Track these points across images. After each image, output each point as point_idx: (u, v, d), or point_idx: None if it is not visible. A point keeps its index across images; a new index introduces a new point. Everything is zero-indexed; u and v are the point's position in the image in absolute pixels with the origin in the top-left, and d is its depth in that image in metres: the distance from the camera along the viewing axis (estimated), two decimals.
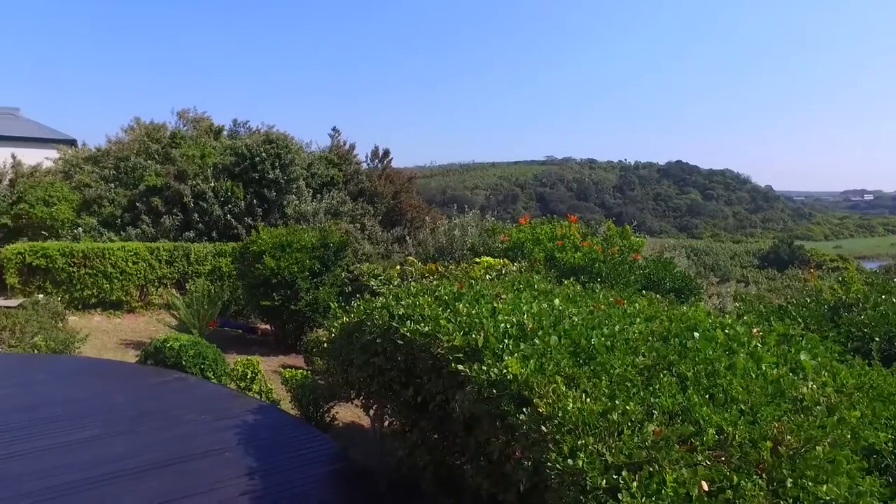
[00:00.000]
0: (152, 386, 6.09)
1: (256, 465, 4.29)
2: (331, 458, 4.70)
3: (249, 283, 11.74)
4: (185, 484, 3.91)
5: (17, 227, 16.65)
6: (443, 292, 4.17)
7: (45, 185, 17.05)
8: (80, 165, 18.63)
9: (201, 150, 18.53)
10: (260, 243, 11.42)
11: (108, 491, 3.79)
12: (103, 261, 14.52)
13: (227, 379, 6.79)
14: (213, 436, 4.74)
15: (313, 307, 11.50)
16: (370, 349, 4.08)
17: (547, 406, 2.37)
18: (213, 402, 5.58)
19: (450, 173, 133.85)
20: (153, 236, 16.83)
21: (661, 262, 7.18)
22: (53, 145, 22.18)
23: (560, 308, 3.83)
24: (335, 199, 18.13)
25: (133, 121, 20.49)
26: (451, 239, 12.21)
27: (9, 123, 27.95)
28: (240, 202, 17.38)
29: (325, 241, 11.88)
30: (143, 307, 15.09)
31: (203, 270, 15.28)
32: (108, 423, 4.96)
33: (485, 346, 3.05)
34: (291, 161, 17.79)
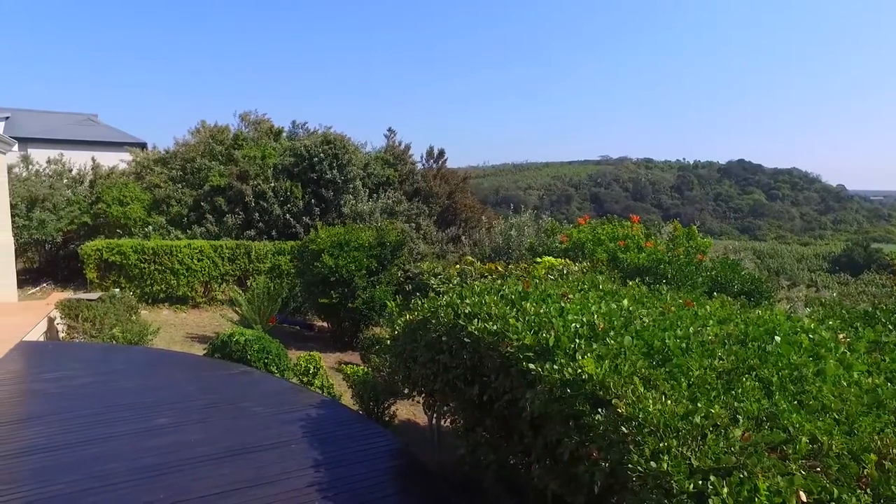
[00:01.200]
0: (220, 378, 6.30)
1: (321, 457, 4.37)
2: (392, 453, 4.74)
3: (308, 280, 12.02)
4: (256, 473, 4.02)
5: (95, 226, 17.63)
6: (508, 291, 4.14)
7: (119, 185, 17.97)
8: (150, 167, 19.53)
9: (262, 151, 19.10)
10: (318, 242, 11.66)
11: (186, 476, 3.94)
12: (171, 258, 15.19)
13: (290, 373, 6.96)
14: (279, 428, 4.86)
15: (370, 305, 11.66)
16: (435, 347, 4.09)
17: (626, 407, 2.31)
18: (278, 396, 5.73)
19: (503, 173, 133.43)
20: (216, 234, 17.47)
21: (729, 264, 6.91)
22: (127, 148, 23.37)
23: (630, 309, 3.74)
24: (391, 199, 18.34)
25: (199, 123, 21.30)
26: (507, 239, 12.17)
27: (88, 129, 29.67)
28: (298, 202, 17.82)
29: (382, 240, 12.02)
30: (207, 303, 15.69)
31: (263, 268, 15.75)
32: (181, 412, 5.17)
33: (556, 346, 3.00)
34: (348, 161, 18.12)
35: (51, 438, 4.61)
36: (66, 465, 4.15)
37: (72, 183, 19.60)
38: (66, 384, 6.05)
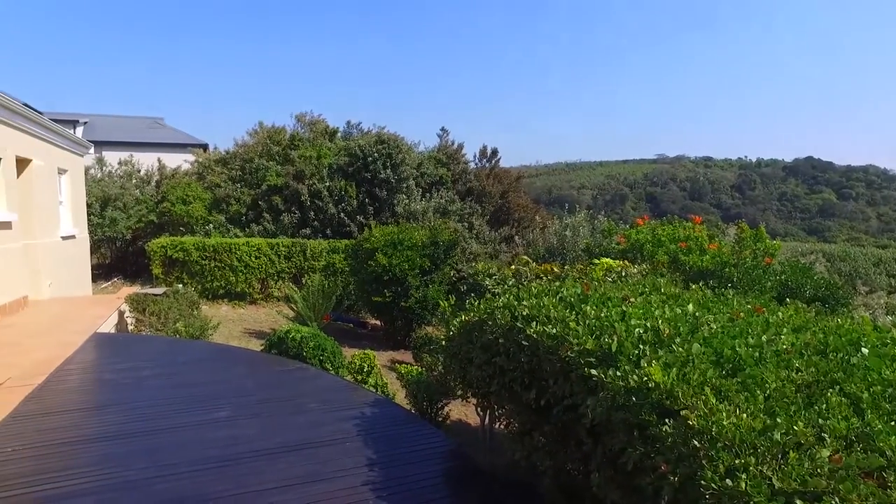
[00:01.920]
0: (277, 374, 6.43)
1: (375, 456, 4.37)
2: (446, 455, 4.70)
3: (361, 279, 12.16)
4: (312, 469, 4.06)
5: (161, 223, 18.43)
6: (567, 293, 4.04)
7: (182, 185, 18.72)
8: (211, 167, 20.25)
9: (317, 151, 19.49)
10: (372, 241, 11.77)
11: (244, 469, 4.02)
12: (230, 255, 15.70)
13: (345, 371, 7.05)
14: (334, 425, 4.91)
15: (423, 304, 11.69)
16: (491, 349, 4.02)
17: (698, 419, 2.18)
18: (333, 393, 5.79)
19: (555, 172, 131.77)
20: (273, 233, 17.95)
21: (800, 268, 6.54)
22: (190, 149, 24.34)
23: (695, 314, 3.57)
24: (444, 199, 18.38)
25: (257, 125, 21.95)
26: (562, 239, 11.97)
27: (155, 132, 31.08)
28: (353, 201, 18.09)
29: (435, 239, 12.03)
30: (264, 299, 16.12)
31: (318, 266, 16.06)
32: (239, 406, 5.30)
33: (619, 352, 2.89)
34: (402, 161, 18.25)
35: (121, 427, 4.81)
36: (135, 452, 4.31)
37: (140, 183, 20.56)
38: (133, 375, 6.31)
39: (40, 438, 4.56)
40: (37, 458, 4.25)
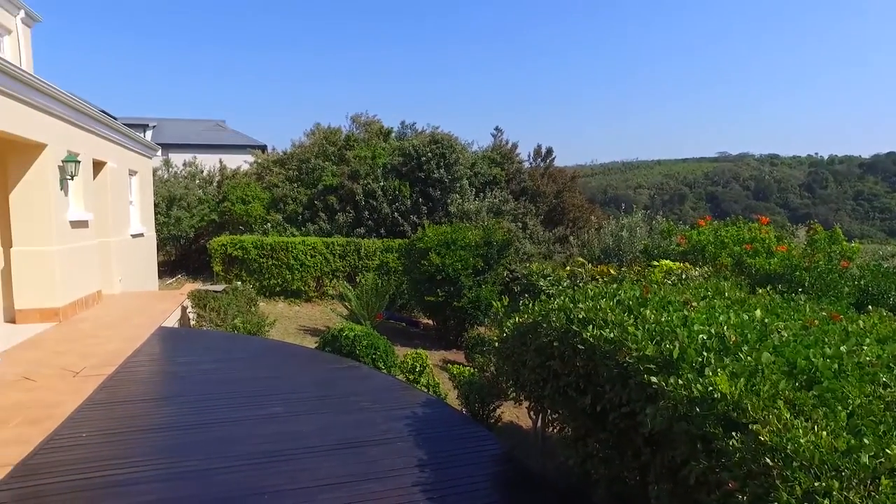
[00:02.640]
0: (330, 371, 6.51)
1: (426, 457, 4.34)
2: (498, 458, 4.63)
3: (414, 278, 12.21)
4: (364, 468, 4.07)
5: (221, 222, 19.08)
6: (625, 296, 3.89)
7: (242, 185, 19.31)
8: (269, 168, 20.82)
9: (372, 151, 19.71)
10: (426, 240, 11.79)
11: (298, 465, 4.07)
12: (286, 253, 16.07)
13: (397, 370, 7.06)
14: (385, 424, 4.91)
15: (475, 304, 11.63)
16: (545, 352, 3.93)
17: (770, 435, 2.03)
18: (385, 392, 5.81)
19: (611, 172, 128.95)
20: (328, 232, 18.27)
21: (883, 272, 6.09)
22: (250, 150, 25.12)
23: (764, 321, 3.36)
24: (497, 198, 18.25)
25: (314, 126, 22.42)
26: (618, 240, 11.66)
27: (217, 134, 32.26)
28: (406, 200, 18.21)
29: (489, 239, 11.95)
30: (319, 297, 16.43)
31: (372, 265, 16.23)
32: (294, 402, 5.38)
33: (681, 359, 2.75)
34: (455, 160, 18.24)
35: (183, 418, 4.98)
36: (195, 443, 4.44)
37: (203, 183, 21.36)
38: (194, 368, 6.54)
39: (110, 426, 4.78)
40: (106, 444, 4.45)
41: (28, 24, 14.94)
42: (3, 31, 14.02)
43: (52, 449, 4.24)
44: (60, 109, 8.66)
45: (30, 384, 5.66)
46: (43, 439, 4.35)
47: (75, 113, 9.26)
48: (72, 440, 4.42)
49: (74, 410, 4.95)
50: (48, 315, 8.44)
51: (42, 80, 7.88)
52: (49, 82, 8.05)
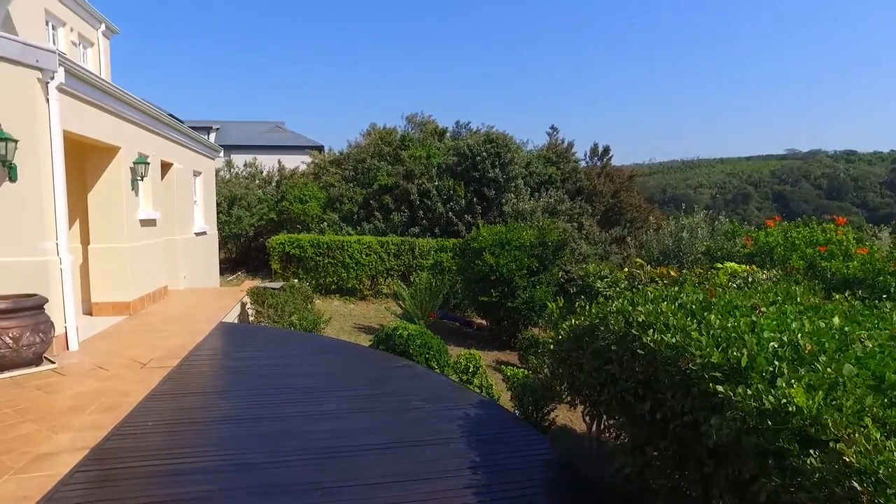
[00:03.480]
0: (384, 370, 6.55)
1: (479, 459, 4.29)
2: (552, 463, 4.53)
3: (468, 278, 12.17)
4: (416, 467, 4.06)
5: (280, 221, 19.61)
6: (687, 299, 3.72)
7: (300, 185, 19.80)
8: (326, 168, 21.25)
9: (427, 151, 19.81)
10: (480, 240, 11.74)
11: (351, 462, 4.10)
12: (342, 252, 16.34)
13: (450, 370, 7.04)
14: (438, 425, 4.89)
15: (529, 305, 11.50)
16: (603, 356, 3.80)
17: (857, 456, 1.87)
18: (438, 392, 5.79)
19: (670, 171, 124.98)
20: (383, 231, 18.48)
21: None
22: (307, 151, 25.73)
23: (844, 329, 3.13)
24: (552, 198, 18.01)
25: (369, 126, 22.75)
26: (678, 241, 11.27)
27: (276, 135, 33.21)
28: (461, 200, 18.21)
29: (544, 239, 11.78)
30: (373, 295, 16.63)
31: (426, 264, 16.30)
32: (348, 400, 5.44)
33: (750, 367, 2.59)
34: (510, 160, 18.11)
35: (241, 411, 5.12)
36: (252, 436, 4.55)
37: (262, 183, 22.03)
38: (253, 363, 6.72)
39: (173, 416, 4.96)
40: (170, 433, 4.63)
41: (107, 36, 15.82)
42: (87, 43, 14.90)
43: (123, 435, 4.45)
44: (133, 114, 9.10)
45: (104, 373, 5.96)
46: (114, 426, 4.57)
47: (146, 117, 9.71)
48: (139, 428, 4.62)
49: (142, 400, 5.17)
50: (120, 308, 8.89)
51: (119, 88, 8.30)
52: (124, 90, 8.47)
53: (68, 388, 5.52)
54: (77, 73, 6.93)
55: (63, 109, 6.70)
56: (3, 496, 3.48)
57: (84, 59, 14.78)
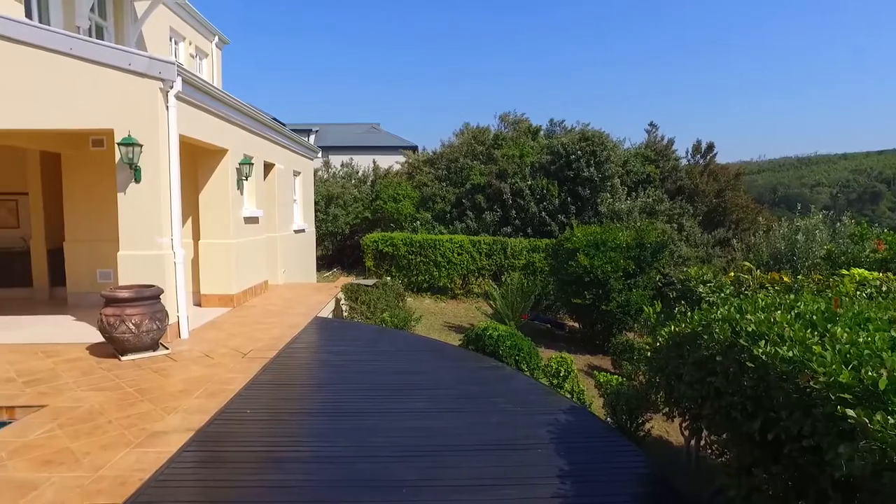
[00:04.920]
0: (473, 370, 6.49)
1: (568, 468, 4.12)
2: (646, 478, 4.26)
3: (561, 279, 11.89)
4: (503, 472, 3.97)
5: (374, 220, 20.15)
6: (805, 309, 3.36)
7: (394, 184, 20.23)
8: (419, 167, 21.58)
9: (520, 150, 19.60)
10: (574, 241, 11.43)
11: (438, 462, 4.07)
12: (434, 251, 16.49)
13: (540, 373, 6.87)
14: (527, 429, 4.76)
15: (624, 309, 11.06)
16: (705, 367, 3.52)
17: None
18: (527, 395, 5.65)
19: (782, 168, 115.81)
20: (475, 230, 18.48)
21: None
22: (401, 151, 26.28)
23: None
24: (651, 198, 17.24)
25: (462, 126, 22.84)
26: (791, 244, 10.36)
27: (372, 136, 34.22)
28: (554, 199, 17.85)
29: (641, 240, 11.29)
30: (464, 295, 16.66)
31: (518, 264, 16.12)
32: (436, 399, 5.43)
33: (890, 391, 2.26)
34: (606, 158, 17.52)
35: (332, 405, 5.25)
36: (343, 430, 4.65)
37: (358, 183, 22.74)
38: (345, 358, 6.89)
39: (270, 405, 5.18)
40: (266, 422, 4.84)
41: (220, 47, 16.98)
42: (202, 55, 16.06)
43: (224, 421, 4.69)
44: (240, 118, 9.66)
45: (209, 361, 6.34)
46: (217, 411, 4.84)
47: (251, 121, 10.27)
48: (239, 415, 4.85)
49: (242, 388, 5.44)
50: (225, 300, 9.46)
51: (229, 95, 8.84)
52: (233, 96, 9.00)
53: (179, 372, 5.93)
54: (192, 81, 7.44)
55: (180, 115, 7.21)
56: (124, 466, 3.81)
57: (199, 69, 15.92)
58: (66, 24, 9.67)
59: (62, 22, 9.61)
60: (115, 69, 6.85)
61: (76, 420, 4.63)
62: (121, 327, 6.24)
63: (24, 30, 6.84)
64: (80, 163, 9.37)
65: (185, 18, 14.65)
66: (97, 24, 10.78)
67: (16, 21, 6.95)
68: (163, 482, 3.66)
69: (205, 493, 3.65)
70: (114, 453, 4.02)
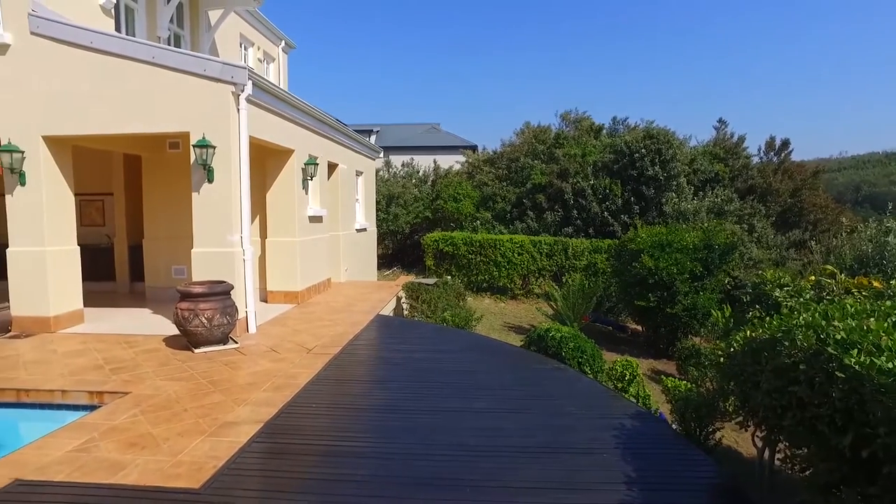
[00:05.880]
0: (535, 371, 6.41)
1: (634, 475, 3.99)
2: (718, 490, 4.07)
3: (624, 281, 11.59)
4: (567, 476, 3.88)
5: (434, 219, 20.27)
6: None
7: (454, 184, 20.28)
8: (479, 167, 21.54)
9: (582, 149, 19.25)
10: (638, 241, 11.13)
11: (499, 463, 4.03)
12: (494, 250, 16.43)
13: (604, 376, 6.71)
14: (591, 433, 4.65)
15: (690, 312, 10.68)
16: (787, 375, 3.31)
17: None
18: (591, 399, 5.52)
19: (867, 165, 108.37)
20: (536, 230, 18.29)
21: None
22: (461, 151, 26.33)
23: None
24: (719, 197, 16.56)
25: (523, 125, 22.65)
26: (880, 246, 9.67)
27: (432, 136, 34.47)
28: (617, 199, 17.43)
29: (709, 242, 10.86)
30: (524, 295, 16.52)
31: (579, 265, 15.84)
32: (499, 399, 5.38)
33: None
34: (672, 157, 16.96)
35: (394, 402, 5.29)
36: (404, 428, 4.68)
37: (418, 182, 22.95)
38: (406, 356, 6.95)
39: (334, 400, 5.29)
40: (331, 416, 4.94)
41: (286, 51, 17.52)
42: (270, 59, 16.63)
43: (290, 414, 4.82)
44: (306, 120, 9.92)
45: (275, 355, 6.54)
46: (284, 404, 4.98)
47: (316, 122, 10.53)
48: (305, 408, 4.97)
49: (307, 383, 5.58)
50: (290, 297, 9.74)
51: (295, 97, 9.09)
52: (299, 98, 9.25)
53: (247, 366, 6.14)
54: (262, 84, 7.70)
55: (250, 117, 7.47)
56: (200, 453, 3.99)
57: (266, 73, 16.47)
58: (149, 35, 10.22)
59: (146, 33, 10.16)
60: (191, 75, 7.18)
61: (156, 407, 4.88)
62: (194, 321, 6.53)
63: (115, 42, 7.29)
64: (158, 165, 9.88)
65: (255, 25, 15.20)
66: (175, 34, 11.34)
67: (108, 35, 7.41)
68: (234, 470, 3.80)
69: (272, 484, 3.75)
70: (190, 440, 4.20)
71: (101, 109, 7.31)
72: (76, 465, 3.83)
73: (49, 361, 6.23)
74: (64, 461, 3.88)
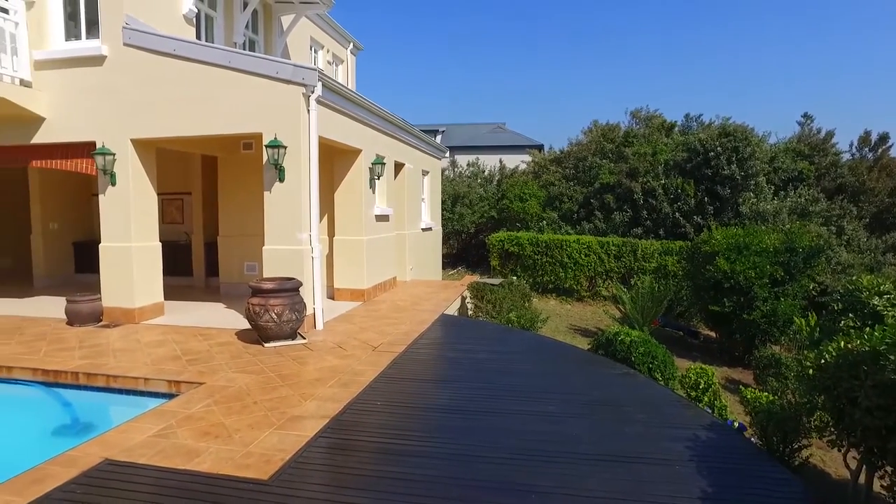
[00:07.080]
0: (604, 376, 6.20)
1: (710, 490, 3.76)
2: None
3: (697, 284, 11.10)
4: (637, 487, 3.71)
5: (500, 219, 20.14)
6: None
7: (520, 184, 20.07)
8: (546, 167, 21.22)
9: (652, 147, 18.60)
10: (713, 243, 10.62)
11: (566, 470, 3.90)
12: (560, 251, 16.14)
13: (676, 384, 6.41)
14: (662, 443, 4.43)
15: (770, 319, 10.08)
16: (891, 393, 3.03)
17: None
18: (662, 406, 5.28)
19: None
20: (603, 231, 17.81)
21: None
22: (527, 150, 26.04)
23: None
24: (803, 197, 15.58)
25: (591, 123, 22.12)
26: None
27: (498, 136, 34.30)
28: (690, 200, 16.74)
29: (792, 244, 10.22)
30: (591, 297, 16.13)
31: (648, 267, 15.32)
32: (566, 404, 5.23)
33: None
34: (751, 155, 16.09)
35: (458, 402, 5.24)
36: (465, 428, 4.62)
37: (483, 182, 22.86)
38: (470, 356, 6.89)
39: (398, 399, 5.29)
40: (395, 415, 4.94)
41: (354, 53, 17.89)
42: (338, 61, 17.03)
43: (356, 411, 4.87)
44: (373, 120, 10.05)
45: (342, 352, 6.64)
46: (349, 400, 5.03)
47: (383, 122, 10.65)
48: (369, 405, 5.01)
49: (372, 380, 5.62)
50: (356, 295, 9.90)
51: (363, 97, 9.23)
52: (367, 98, 9.39)
53: (314, 362, 6.26)
54: (331, 85, 7.85)
55: (320, 118, 7.63)
56: (268, 445, 4.10)
57: (335, 74, 16.87)
58: (226, 41, 10.67)
59: (223, 39, 10.61)
60: (264, 77, 7.42)
61: (228, 398, 5.05)
62: (265, 316, 6.72)
63: (195, 49, 7.65)
64: (232, 165, 10.29)
65: (324, 28, 15.58)
66: (250, 39, 11.78)
67: (189, 42, 7.80)
68: (301, 464, 3.86)
69: (337, 479, 3.78)
70: (259, 432, 4.32)
71: (182, 112, 7.68)
72: (156, 449, 4.03)
73: (133, 350, 6.60)
74: (146, 445, 4.10)
